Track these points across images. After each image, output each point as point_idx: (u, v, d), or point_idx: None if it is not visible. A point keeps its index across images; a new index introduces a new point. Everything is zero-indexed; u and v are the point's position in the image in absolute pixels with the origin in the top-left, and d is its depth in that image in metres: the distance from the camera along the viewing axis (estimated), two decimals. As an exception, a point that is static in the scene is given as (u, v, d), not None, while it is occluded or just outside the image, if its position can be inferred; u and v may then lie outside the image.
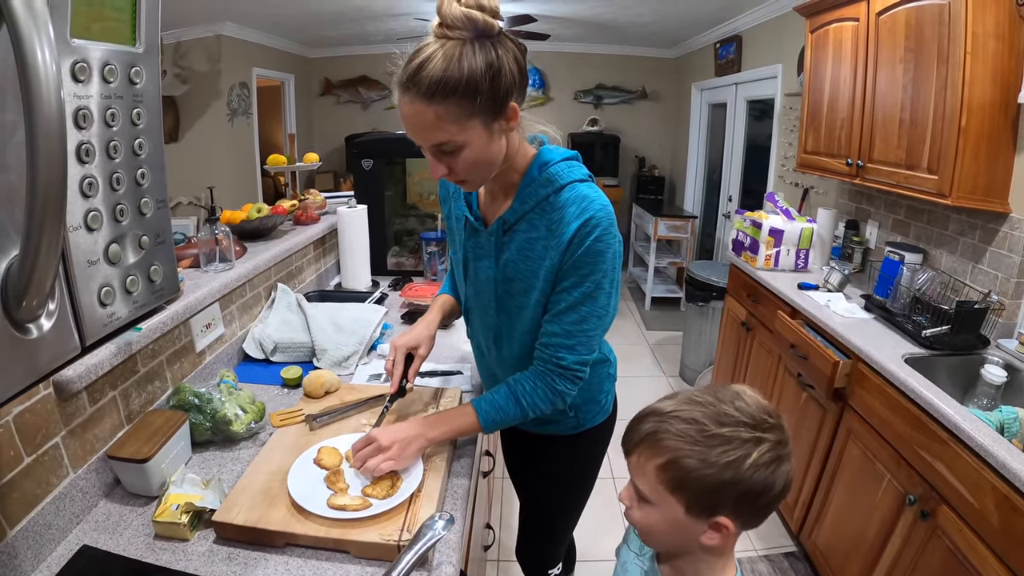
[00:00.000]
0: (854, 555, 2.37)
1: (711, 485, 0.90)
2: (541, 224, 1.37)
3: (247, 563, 1.19)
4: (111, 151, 0.70)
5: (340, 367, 2.05)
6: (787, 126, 4.63)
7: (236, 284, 2.06)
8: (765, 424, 0.92)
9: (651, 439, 0.95)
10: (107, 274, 0.71)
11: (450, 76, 1.13)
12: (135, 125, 0.74)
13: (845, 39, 3.11)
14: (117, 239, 0.72)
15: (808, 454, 2.75)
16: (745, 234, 3.66)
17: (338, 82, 7.76)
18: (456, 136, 1.20)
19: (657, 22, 5.95)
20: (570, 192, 1.34)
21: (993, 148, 2.42)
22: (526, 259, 1.40)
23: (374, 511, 1.25)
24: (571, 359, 1.40)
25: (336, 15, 5.67)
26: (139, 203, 0.76)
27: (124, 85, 0.71)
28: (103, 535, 1.25)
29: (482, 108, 1.19)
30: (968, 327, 2.43)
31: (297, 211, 2.91)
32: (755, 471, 0.89)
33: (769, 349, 3.27)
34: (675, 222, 6.30)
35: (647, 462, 0.95)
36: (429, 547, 1.13)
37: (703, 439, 0.90)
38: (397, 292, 2.82)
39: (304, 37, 6.85)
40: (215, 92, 5.93)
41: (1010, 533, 1.65)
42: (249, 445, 1.60)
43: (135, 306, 0.77)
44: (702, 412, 0.93)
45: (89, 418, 1.35)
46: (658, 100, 7.81)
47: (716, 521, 0.92)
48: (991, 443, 1.74)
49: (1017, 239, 2.44)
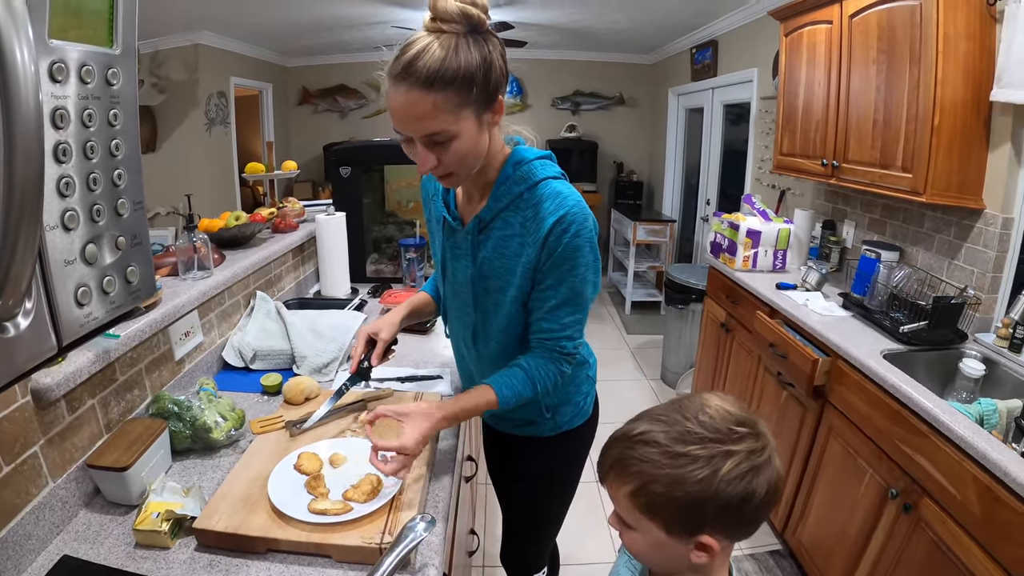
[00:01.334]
0: (839, 550, 2.38)
1: (685, 505, 0.88)
2: (515, 221, 1.40)
3: (228, 570, 1.18)
4: (88, 151, 0.70)
5: (320, 374, 2.04)
6: (763, 129, 4.67)
7: (215, 292, 2.05)
8: (734, 435, 0.89)
9: (619, 466, 0.93)
10: (84, 274, 0.71)
11: (448, 66, 1.16)
12: (112, 126, 0.74)
13: (819, 42, 3.15)
14: (94, 239, 0.72)
15: (790, 452, 2.77)
16: (723, 236, 3.69)
17: (316, 91, 7.73)
18: (451, 126, 1.22)
19: (633, 28, 5.99)
20: (543, 189, 1.38)
21: (966, 146, 2.46)
22: (502, 256, 1.43)
23: (355, 515, 1.24)
24: (571, 345, 1.47)
25: (314, 24, 5.66)
26: (116, 204, 0.76)
27: (101, 86, 0.72)
28: (83, 545, 1.24)
29: (476, 99, 1.22)
30: (945, 322, 2.46)
31: (275, 219, 2.90)
32: (728, 485, 0.86)
33: (749, 349, 3.29)
34: (654, 226, 6.34)
35: (619, 489, 0.94)
36: (411, 549, 1.13)
37: (669, 461, 0.88)
38: (376, 299, 2.81)
39: (282, 46, 6.83)
40: (193, 101, 5.89)
41: (993, 523, 1.66)
42: (229, 453, 1.58)
43: (112, 307, 0.77)
44: (666, 433, 0.90)
45: (68, 427, 1.33)
46: (635, 106, 7.85)
47: (700, 540, 0.90)
48: (971, 435, 1.76)
49: (992, 234, 2.48)
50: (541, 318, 1.45)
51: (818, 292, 3.05)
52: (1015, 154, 2.41)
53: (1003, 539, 1.63)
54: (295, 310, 2.41)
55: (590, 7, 5.16)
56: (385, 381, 1.93)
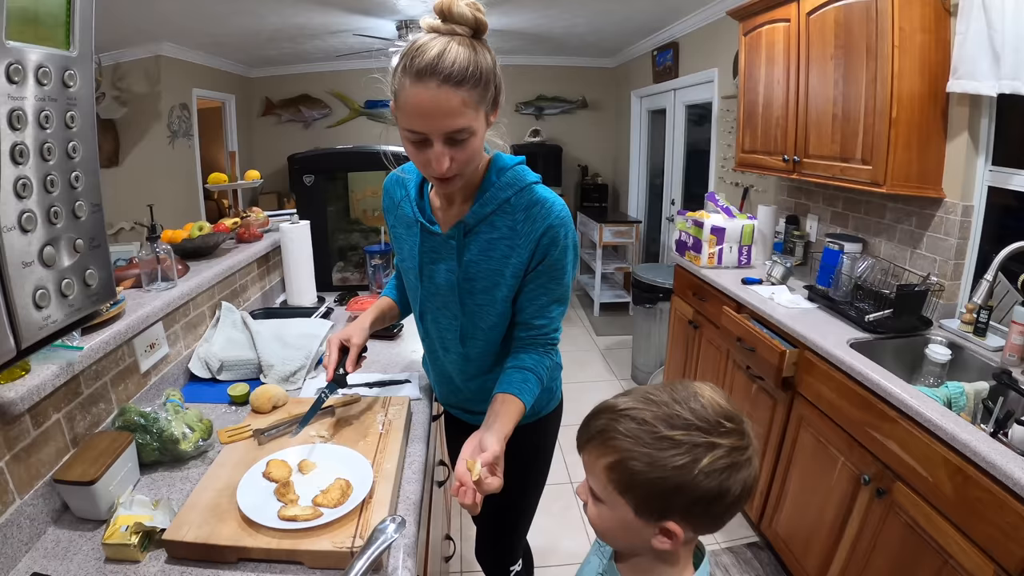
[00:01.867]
0: (815, 539, 2.40)
1: (659, 489, 0.87)
2: (503, 225, 1.45)
3: (199, 581, 1.15)
4: (45, 153, 0.70)
5: (287, 382, 2.01)
6: (725, 128, 4.71)
7: (179, 303, 2.01)
8: (720, 428, 0.87)
9: (601, 437, 0.92)
10: (42, 276, 0.71)
11: (475, 64, 1.21)
12: (69, 128, 0.74)
13: (777, 40, 3.20)
14: (52, 241, 0.72)
15: (762, 444, 2.79)
16: (688, 234, 3.72)
17: (279, 101, 7.65)
18: (473, 122, 1.26)
19: (594, 32, 6.02)
20: (530, 195, 1.45)
21: (924, 137, 2.51)
22: (488, 259, 1.47)
23: (325, 519, 1.23)
24: (558, 336, 1.59)
25: (275, 33, 5.61)
26: (73, 206, 0.76)
27: (58, 88, 0.72)
28: (53, 561, 1.21)
29: (489, 100, 1.29)
30: (910, 310, 2.50)
31: (239, 229, 2.86)
32: (706, 477, 0.85)
33: (717, 345, 3.31)
34: (620, 227, 6.38)
35: (597, 460, 0.93)
36: (382, 551, 1.11)
37: (652, 441, 0.87)
38: (343, 307, 2.79)
39: (244, 56, 6.76)
40: (155, 114, 5.79)
41: (965, 502, 1.69)
42: (198, 464, 1.55)
43: (71, 310, 0.76)
44: (653, 413, 0.89)
45: (33, 442, 1.30)
46: (599, 109, 7.90)
47: (665, 526, 0.89)
48: (939, 417, 1.79)
49: (953, 222, 2.53)
50: (534, 315, 1.53)
51: (783, 286, 3.09)
52: (972, 143, 2.47)
53: (975, 517, 1.65)
54: (261, 320, 2.38)
55: (550, 12, 5.18)
56: (353, 387, 1.91)
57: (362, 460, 1.44)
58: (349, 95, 7.64)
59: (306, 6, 4.73)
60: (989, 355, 2.29)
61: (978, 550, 1.64)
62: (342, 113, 7.74)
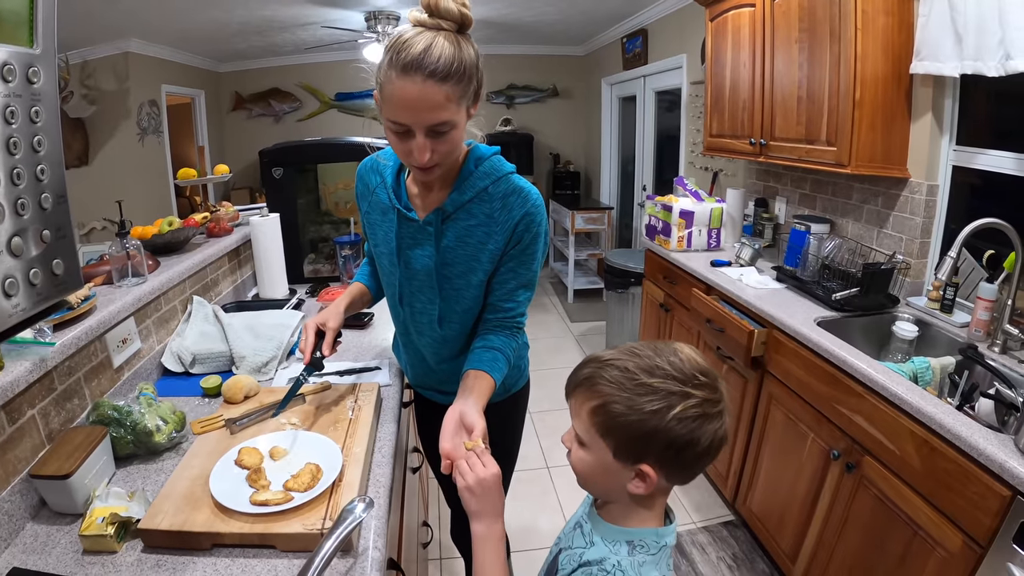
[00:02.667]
0: (789, 515, 2.45)
1: (636, 432, 0.92)
2: (480, 212, 1.50)
3: (175, 568, 1.16)
4: (11, 147, 0.72)
5: (260, 373, 2.01)
6: (694, 113, 4.75)
7: (150, 297, 2.01)
8: (695, 381, 0.94)
9: (587, 383, 0.99)
10: (10, 266, 0.72)
11: (459, 60, 1.25)
12: (34, 123, 0.76)
13: (743, 25, 3.23)
14: (19, 232, 0.74)
15: (734, 424, 2.83)
16: (657, 219, 3.75)
17: (248, 96, 7.58)
18: (455, 116, 1.30)
19: (563, 20, 6.03)
20: (507, 184, 1.50)
21: (888, 118, 2.55)
22: (465, 245, 1.51)
23: (296, 503, 1.25)
24: (524, 320, 1.64)
25: (243, 26, 5.55)
26: (40, 198, 0.78)
27: (22, 84, 0.74)
28: (32, 556, 1.21)
29: (471, 94, 1.33)
30: (877, 288, 2.55)
31: (209, 223, 2.85)
32: (678, 423, 0.91)
33: (688, 327, 3.36)
34: (592, 214, 6.42)
35: (582, 405, 0.99)
36: (350, 530, 1.13)
37: (632, 387, 0.93)
38: (314, 298, 2.79)
39: (213, 51, 6.68)
40: (124, 111, 5.71)
41: (932, 474, 1.73)
42: (172, 456, 1.55)
43: (39, 298, 0.78)
44: (636, 363, 0.95)
45: (8, 439, 1.30)
46: (569, 97, 7.92)
47: (640, 468, 0.95)
48: (905, 391, 1.83)
49: (918, 202, 2.57)
50: (502, 298, 1.58)
51: (752, 267, 3.13)
52: (936, 123, 2.51)
53: (943, 488, 1.69)
54: (233, 313, 2.37)
55: (518, 0, 5.18)
56: (324, 375, 1.92)
57: (332, 445, 1.46)
58: (319, 88, 7.59)
59: (273, -3, 4.70)
60: (956, 331, 2.33)
61: (946, 520, 1.68)
62: (313, 106, 7.69)
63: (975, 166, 2.43)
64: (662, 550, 1.01)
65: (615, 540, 1.01)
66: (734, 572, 2.68)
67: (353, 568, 1.17)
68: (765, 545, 2.68)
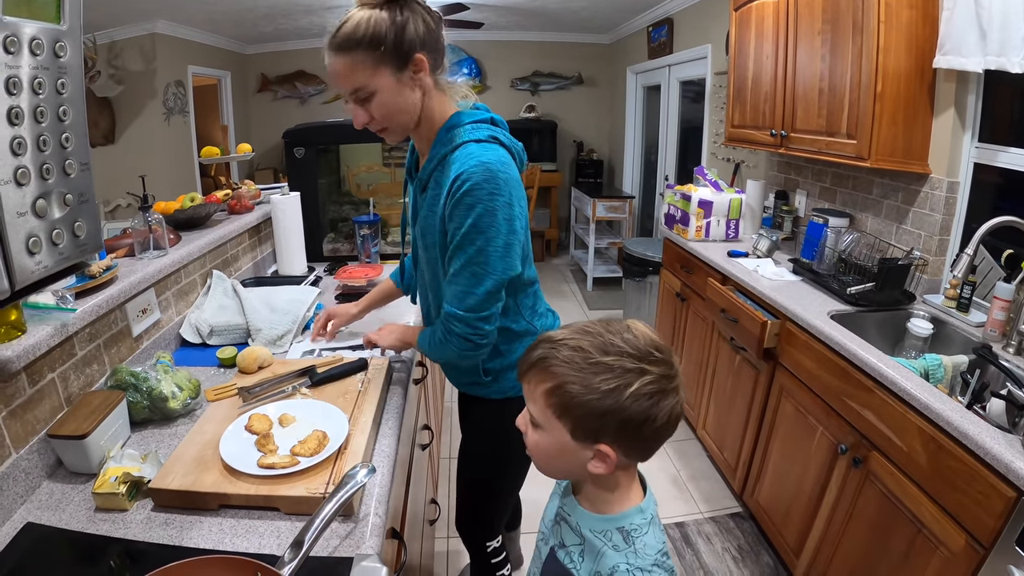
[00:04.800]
0: (795, 508, 2.45)
1: (593, 411, 0.92)
2: (442, 180, 1.48)
3: (183, 526, 1.21)
4: (38, 115, 0.79)
5: (275, 346, 2.06)
6: (717, 104, 4.73)
7: (171, 270, 2.05)
8: (651, 357, 0.93)
9: (540, 364, 0.97)
10: (34, 226, 0.79)
11: (356, 31, 1.36)
12: (60, 94, 0.82)
13: (766, 16, 3.21)
14: (44, 195, 0.80)
15: (745, 415, 2.84)
16: (676, 208, 3.74)
17: (275, 78, 7.64)
18: (367, 81, 1.40)
19: (589, 8, 6.01)
20: (461, 151, 1.46)
21: (910, 112, 2.52)
22: (432, 214, 1.52)
23: (301, 467, 1.29)
24: (449, 309, 1.51)
25: (270, 9, 5.58)
26: (64, 164, 0.84)
27: (50, 57, 0.80)
28: (47, 512, 1.26)
29: (387, 58, 1.38)
30: (893, 283, 2.53)
31: (231, 200, 2.89)
32: (635, 400, 0.91)
33: (703, 316, 3.35)
34: (613, 203, 6.41)
35: (536, 387, 0.98)
36: (351, 494, 1.16)
37: (588, 366, 0.93)
38: (332, 276, 2.84)
39: (239, 33, 6.72)
40: (151, 91, 5.76)
41: (938, 472, 1.72)
42: (186, 422, 1.60)
43: (61, 257, 0.84)
44: (589, 341, 0.95)
45: (29, 399, 1.35)
46: (594, 85, 7.89)
47: (598, 448, 0.95)
48: (914, 387, 1.82)
49: (938, 198, 2.55)
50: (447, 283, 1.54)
51: (768, 259, 3.12)
52: (959, 119, 2.48)
53: (949, 487, 1.68)
54: (252, 288, 2.41)
55: (545, -14, 5.18)
56: (336, 349, 1.98)
57: (340, 414, 1.50)
58: (344, 70, 7.59)
59: (301, -20, 4.72)
60: (971, 330, 2.31)
61: (950, 519, 1.67)
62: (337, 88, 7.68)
63: (997, 163, 2.40)
64: (652, 520, 1.01)
65: (605, 531, 1.01)
66: (739, 564, 2.69)
67: (353, 532, 1.21)
68: (770, 538, 2.69)
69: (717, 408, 3.21)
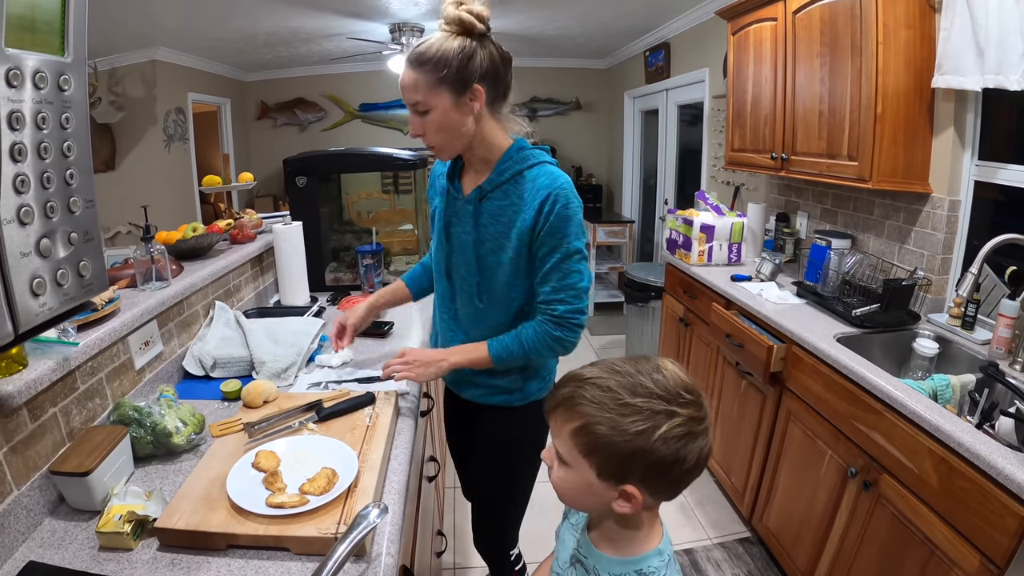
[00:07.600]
0: (805, 532, 2.42)
1: (621, 453, 0.91)
2: (513, 194, 1.64)
3: (190, 567, 1.17)
4: (42, 151, 0.76)
5: (279, 379, 2.03)
6: (716, 127, 4.74)
7: (173, 301, 2.03)
8: (680, 399, 0.92)
9: (568, 403, 0.96)
10: (38, 267, 0.76)
11: (428, 50, 1.50)
12: (64, 128, 0.80)
13: (765, 39, 3.22)
14: (48, 234, 0.77)
15: (752, 439, 2.82)
16: (678, 232, 3.74)
17: (274, 105, 7.67)
18: (427, 98, 1.53)
19: (585, 34, 6.04)
20: (540, 170, 1.63)
21: (910, 132, 2.53)
22: (496, 223, 1.66)
23: (311, 506, 1.26)
24: (562, 309, 1.65)
25: (269, 37, 5.62)
26: (68, 201, 0.81)
27: (54, 91, 0.78)
28: (49, 550, 1.23)
29: (448, 81, 1.51)
30: (897, 304, 2.52)
31: (233, 230, 2.88)
32: (664, 443, 0.90)
33: (707, 341, 3.34)
34: (613, 228, 6.41)
35: (563, 425, 0.97)
36: (364, 535, 1.13)
37: (616, 407, 0.92)
38: (335, 306, 2.81)
39: (239, 60, 6.76)
40: (151, 118, 5.79)
41: (950, 493, 1.71)
42: (191, 457, 1.57)
43: (66, 298, 0.81)
44: (618, 381, 0.94)
45: (31, 434, 1.33)
46: (592, 110, 7.92)
47: (624, 489, 0.93)
48: (923, 409, 1.81)
49: (940, 217, 2.55)
50: (538, 283, 1.67)
51: (772, 282, 3.11)
52: (959, 138, 2.49)
53: (961, 508, 1.67)
54: (255, 319, 2.40)
55: (541, 14, 5.20)
56: (343, 383, 1.94)
57: (348, 451, 1.47)
58: (344, 98, 7.66)
59: (300, 10, 4.75)
60: (977, 348, 2.30)
61: (964, 540, 1.66)
62: (337, 116, 7.76)
63: (998, 181, 2.41)
64: (669, 563, 1.00)
65: (624, 574, 1.00)
66: (750, 589, 2.66)
67: (366, 573, 1.18)
68: (780, 563, 2.65)
69: (724, 433, 3.18)
